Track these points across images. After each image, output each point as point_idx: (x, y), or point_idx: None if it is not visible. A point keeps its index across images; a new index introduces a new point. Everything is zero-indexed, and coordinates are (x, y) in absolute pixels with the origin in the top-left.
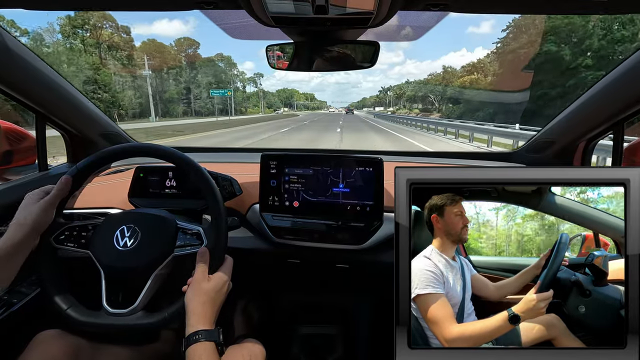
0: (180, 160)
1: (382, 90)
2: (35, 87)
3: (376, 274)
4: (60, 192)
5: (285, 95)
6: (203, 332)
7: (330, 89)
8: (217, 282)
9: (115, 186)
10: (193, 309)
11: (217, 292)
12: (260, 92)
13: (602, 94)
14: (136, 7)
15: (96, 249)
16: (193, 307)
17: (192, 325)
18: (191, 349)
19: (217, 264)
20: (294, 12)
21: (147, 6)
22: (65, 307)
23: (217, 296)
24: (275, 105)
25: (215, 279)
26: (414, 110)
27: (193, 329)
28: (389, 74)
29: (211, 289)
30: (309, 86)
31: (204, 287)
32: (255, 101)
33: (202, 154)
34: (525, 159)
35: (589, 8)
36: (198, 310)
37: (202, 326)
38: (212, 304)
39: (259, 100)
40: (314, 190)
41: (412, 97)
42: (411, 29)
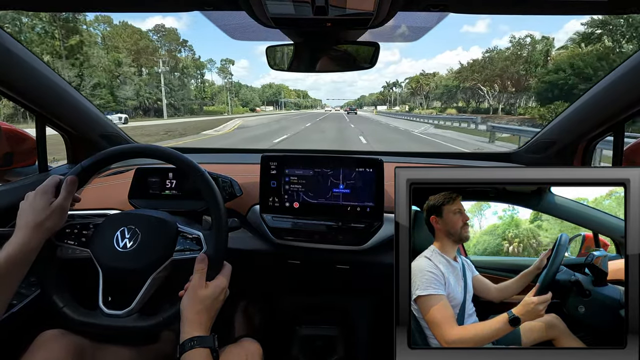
0: (181, 162)
1: (387, 85)
2: (35, 88)
3: (376, 275)
4: (70, 194)
5: (271, 92)
6: (197, 338)
7: (325, 87)
8: (214, 290)
9: (115, 187)
10: (188, 317)
11: (214, 299)
12: (227, 84)
13: (603, 95)
14: (136, 8)
15: (96, 249)
16: (188, 314)
17: (186, 332)
18: (186, 356)
19: (215, 270)
20: (294, 13)
21: (147, 7)
22: (61, 305)
23: (213, 304)
24: (254, 102)
25: (212, 287)
26: (434, 108)
27: (188, 335)
28: (384, 73)
29: (207, 297)
30: (304, 84)
31: (200, 295)
32: (225, 98)
33: (202, 155)
34: (525, 159)
35: (589, 8)
36: (193, 318)
37: (196, 333)
38: (207, 311)
39: (227, 96)
40: (314, 191)
41: (450, 90)
42: (411, 29)
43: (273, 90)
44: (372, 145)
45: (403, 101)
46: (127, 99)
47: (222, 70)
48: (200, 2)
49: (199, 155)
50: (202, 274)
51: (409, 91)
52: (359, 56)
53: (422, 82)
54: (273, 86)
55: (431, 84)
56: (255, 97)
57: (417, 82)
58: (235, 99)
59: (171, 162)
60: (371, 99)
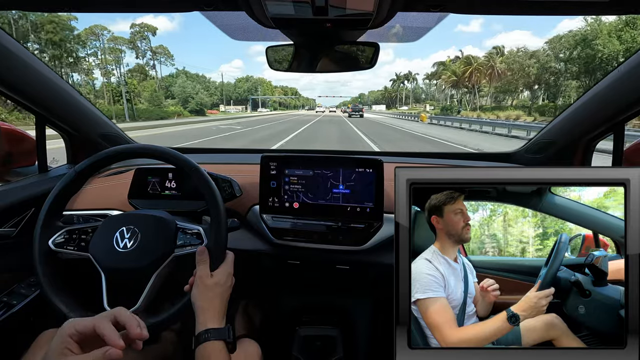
0: (180, 162)
1: (397, 79)
2: (35, 89)
3: (376, 275)
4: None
5: (246, 87)
6: (213, 330)
7: (320, 87)
8: (221, 277)
9: (115, 187)
10: (201, 306)
11: (222, 286)
12: (142, 66)
13: (603, 95)
14: (136, 8)
15: (96, 251)
16: (201, 304)
17: (201, 323)
18: (201, 348)
19: (218, 260)
20: (293, 13)
21: (147, 8)
22: (66, 312)
23: (222, 290)
24: (211, 102)
25: (218, 275)
26: (485, 109)
27: (203, 327)
28: (377, 73)
29: (216, 284)
30: (298, 84)
31: (209, 283)
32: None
33: (201, 155)
34: (525, 159)
35: (589, 8)
36: (207, 306)
37: (211, 324)
38: (220, 298)
39: (159, 93)
40: (314, 192)
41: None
42: (411, 29)
43: (249, 85)
44: None
45: (417, 99)
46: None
47: (132, 42)
48: (200, 2)
49: (198, 156)
50: (205, 265)
51: (443, 83)
52: (359, 56)
53: (478, 67)
54: (251, 79)
55: (497, 66)
56: (201, 92)
57: (453, 72)
58: (168, 99)
59: (171, 162)
60: (372, 98)
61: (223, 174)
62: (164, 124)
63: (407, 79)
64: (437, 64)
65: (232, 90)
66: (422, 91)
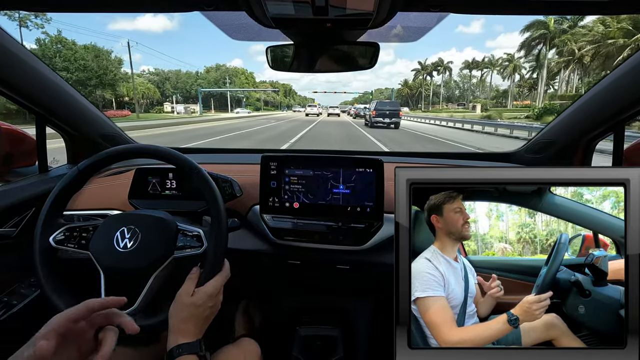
0: (181, 162)
1: (422, 69)
2: (36, 89)
3: (377, 275)
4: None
5: (212, 78)
6: (184, 345)
7: (320, 87)
8: (199, 298)
9: (115, 187)
10: (174, 325)
11: (199, 307)
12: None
13: (603, 95)
14: (136, 8)
15: (96, 250)
16: (174, 322)
17: (172, 340)
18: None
19: (215, 268)
20: (293, 13)
21: (148, 8)
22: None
23: (199, 312)
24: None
25: (198, 294)
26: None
27: (174, 343)
28: (378, 74)
29: (192, 304)
30: (299, 84)
31: (186, 302)
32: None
33: (201, 155)
34: (526, 159)
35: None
36: (178, 327)
37: (182, 340)
38: (194, 320)
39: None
40: (314, 192)
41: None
42: (411, 29)
43: (217, 76)
44: None
45: (449, 99)
46: None
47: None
48: (200, 2)
49: (199, 156)
50: (190, 283)
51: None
52: (359, 56)
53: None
54: (229, 69)
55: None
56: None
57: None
58: None
59: (171, 162)
60: (384, 97)
61: (223, 174)
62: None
63: (437, 70)
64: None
65: (192, 83)
66: (455, 86)
